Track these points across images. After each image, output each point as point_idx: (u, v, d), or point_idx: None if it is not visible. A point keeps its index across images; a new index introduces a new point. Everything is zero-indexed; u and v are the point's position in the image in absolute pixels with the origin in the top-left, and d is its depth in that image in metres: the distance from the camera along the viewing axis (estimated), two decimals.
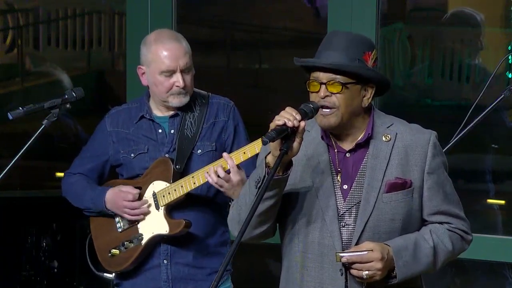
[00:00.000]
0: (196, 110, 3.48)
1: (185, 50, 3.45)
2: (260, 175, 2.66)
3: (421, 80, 5.36)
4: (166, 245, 3.48)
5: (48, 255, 4.48)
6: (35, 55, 6.31)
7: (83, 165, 3.64)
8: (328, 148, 2.77)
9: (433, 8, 5.31)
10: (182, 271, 3.47)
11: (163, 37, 3.45)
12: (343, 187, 2.75)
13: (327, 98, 2.70)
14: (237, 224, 2.79)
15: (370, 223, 2.71)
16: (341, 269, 2.71)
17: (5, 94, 6.16)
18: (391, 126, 2.79)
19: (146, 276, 3.51)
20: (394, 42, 5.27)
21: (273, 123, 2.65)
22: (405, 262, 2.70)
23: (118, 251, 3.50)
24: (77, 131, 5.96)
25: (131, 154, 3.53)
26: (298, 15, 5.81)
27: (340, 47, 2.71)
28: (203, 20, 5.61)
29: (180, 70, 3.41)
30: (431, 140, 2.77)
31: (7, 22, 6.36)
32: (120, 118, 3.60)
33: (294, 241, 2.77)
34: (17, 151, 3.23)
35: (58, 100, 3.31)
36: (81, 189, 3.59)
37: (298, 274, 2.77)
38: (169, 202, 3.43)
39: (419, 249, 2.72)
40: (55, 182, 6.34)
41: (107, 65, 6.43)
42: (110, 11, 6.25)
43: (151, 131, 3.51)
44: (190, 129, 3.46)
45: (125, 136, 3.55)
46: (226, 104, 3.53)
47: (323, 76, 2.70)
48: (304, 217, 2.75)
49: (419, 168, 2.75)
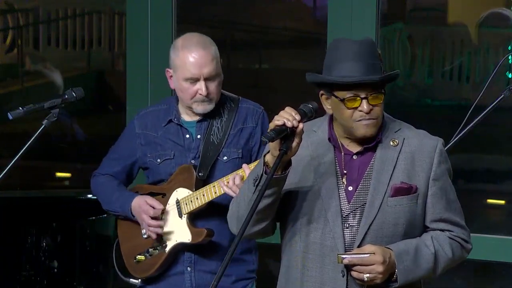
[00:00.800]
0: (224, 115, 3.44)
1: (211, 57, 3.37)
2: (259, 174, 2.67)
3: (421, 80, 5.36)
4: (190, 253, 3.45)
5: (48, 255, 4.48)
6: (35, 55, 6.31)
7: (111, 166, 3.62)
8: (334, 150, 2.77)
9: (433, 8, 5.31)
10: (206, 279, 3.43)
11: (190, 43, 3.40)
12: (348, 188, 2.75)
13: (371, 111, 2.69)
14: (235, 220, 2.79)
15: (374, 226, 2.71)
16: (343, 270, 2.71)
17: (5, 94, 6.16)
18: (399, 131, 2.79)
19: (170, 282, 3.50)
20: (394, 42, 5.27)
21: (273, 123, 2.65)
22: (406, 266, 2.70)
23: (144, 257, 3.48)
24: (74, 131, 5.96)
25: (158, 160, 3.50)
26: (298, 15, 5.81)
27: (364, 56, 2.68)
28: (203, 20, 5.61)
29: (204, 78, 3.36)
30: (437, 147, 2.78)
31: (7, 22, 6.36)
32: (148, 120, 3.56)
33: (295, 241, 2.78)
34: (17, 151, 3.23)
35: (58, 100, 3.30)
36: (110, 191, 3.57)
37: (298, 273, 2.77)
38: (191, 210, 3.41)
39: (420, 255, 2.73)
40: (54, 182, 6.35)
41: (107, 65, 6.43)
42: (110, 11, 6.25)
43: (178, 136, 3.48)
44: (216, 135, 3.42)
45: (153, 140, 3.52)
46: (256, 110, 3.46)
47: (363, 91, 2.68)
48: (306, 216, 2.75)
49: (425, 174, 2.75)
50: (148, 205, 3.45)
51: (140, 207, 3.47)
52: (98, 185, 3.62)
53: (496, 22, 4.95)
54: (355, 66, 2.67)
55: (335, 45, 2.73)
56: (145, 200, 3.47)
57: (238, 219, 2.76)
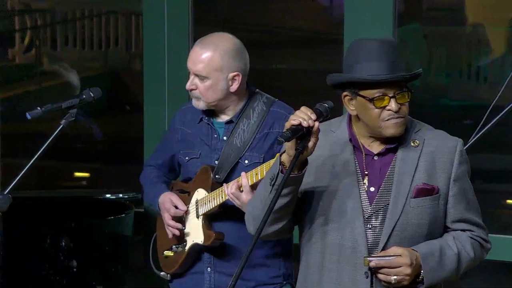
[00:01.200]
0: (252, 118, 3.42)
1: (202, 58, 3.38)
2: (275, 173, 2.67)
3: (438, 80, 5.35)
4: (209, 254, 3.46)
5: (67, 254, 4.50)
6: (53, 55, 6.34)
7: (156, 158, 3.66)
8: (354, 150, 2.77)
9: (450, 8, 5.30)
10: (225, 281, 3.41)
11: (203, 38, 3.45)
12: (370, 189, 2.75)
13: (400, 110, 2.70)
14: (252, 220, 2.80)
15: (397, 227, 2.71)
16: (366, 272, 2.71)
17: (22, 94, 6.19)
18: (419, 132, 2.79)
19: (193, 280, 3.51)
20: (410, 42, 5.26)
21: (288, 123, 2.66)
22: (432, 268, 2.71)
23: (171, 253, 3.51)
24: (92, 131, 5.98)
25: (186, 157, 3.52)
26: (314, 15, 5.81)
27: (387, 55, 2.68)
28: (218, 21, 5.62)
29: (193, 73, 3.40)
30: (457, 148, 2.78)
31: (24, 23, 6.39)
32: (187, 116, 3.57)
33: (313, 241, 2.78)
34: (35, 151, 3.25)
35: (76, 100, 3.31)
36: (148, 184, 3.61)
37: (317, 274, 2.77)
38: (205, 212, 3.41)
39: (444, 256, 2.74)
40: (72, 181, 6.37)
41: (123, 65, 6.44)
42: (126, 12, 6.27)
43: (207, 136, 3.48)
44: (241, 137, 3.41)
45: (186, 136, 3.54)
46: (285, 115, 3.41)
47: (390, 90, 2.68)
48: (326, 217, 2.75)
49: (445, 175, 2.76)
50: (171, 204, 3.47)
51: (163, 204, 3.49)
52: (142, 177, 3.67)
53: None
54: (379, 65, 2.67)
55: (356, 45, 2.73)
56: (170, 198, 3.48)
57: (254, 219, 2.77)
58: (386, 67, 2.67)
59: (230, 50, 3.41)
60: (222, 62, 3.38)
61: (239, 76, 3.40)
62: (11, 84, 6.00)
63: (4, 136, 5.25)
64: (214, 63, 3.38)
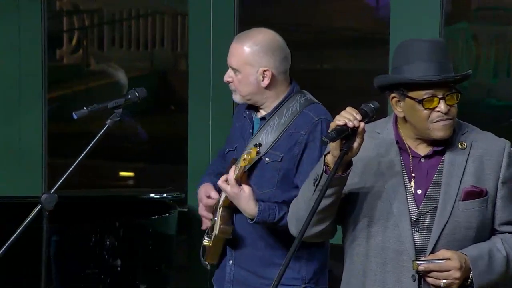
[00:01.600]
0: (284, 117, 3.42)
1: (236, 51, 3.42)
2: (319, 174, 2.65)
3: (486, 80, 5.28)
4: (230, 246, 3.48)
5: (111, 253, 4.53)
6: (100, 56, 6.40)
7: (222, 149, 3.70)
8: (400, 152, 2.74)
9: (499, 7, 5.22)
10: (243, 276, 3.45)
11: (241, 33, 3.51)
12: (417, 192, 2.72)
13: (449, 112, 2.67)
14: (295, 221, 2.78)
15: (446, 230, 2.68)
16: (413, 275, 2.68)
17: (70, 94, 6.26)
18: (466, 133, 2.76)
19: (220, 273, 3.55)
20: (458, 42, 5.20)
21: (334, 123, 2.64)
22: (481, 271, 2.67)
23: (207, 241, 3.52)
24: (137, 131, 6.02)
25: (226, 149, 3.58)
26: (360, 14, 5.77)
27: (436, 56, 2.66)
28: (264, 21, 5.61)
29: (229, 66, 3.45)
30: (505, 150, 2.75)
31: (73, 23, 6.46)
32: (241, 110, 3.60)
33: (358, 244, 2.75)
34: (81, 150, 3.27)
35: (121, 100, 3.33)
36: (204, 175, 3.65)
37: (361, 277, 2.75)
38: (221, 204, 3.43)
39: (493, 259, 2.70)
40: (118, 181, 6.42)
41: (169, 65, 6.47)
42: (172, 12, 6.29)
43: (245, 130, 3.52)
44: (268, 134, 3.41)
45: (233, 129, 3.60)
46: (312, 117, 3.39)
47: (440, 91, 2.65)
48: (371, 219, 2.72)
49: (494, 177, 2.72)
50: (205, 194, 3.50)
51: (199, 194, 3.53)
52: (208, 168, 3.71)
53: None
54: (429, 66, 2.65)
55: (405, 46, 2.70)
56: (206, 188, 3.51)
57: (298, 220, 2.75)
58: (435, 68, 2.64)
59: (263, 45, 3.41)
60: (252, 57, 3.40)
61: (268, 71, 3.40)
62: (58, 84, 6.06)
63: (51, 135, 5.30)
64: (244, 56, 3.41)
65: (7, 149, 5.18)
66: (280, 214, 3.31)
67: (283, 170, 3.37)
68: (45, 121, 5.20)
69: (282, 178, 3.36)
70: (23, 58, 5.17)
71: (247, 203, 3.30)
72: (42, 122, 5.19)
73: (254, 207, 3.30)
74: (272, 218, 3.31)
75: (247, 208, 3.31)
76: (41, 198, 3.16)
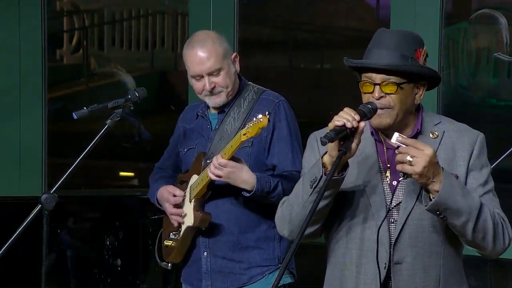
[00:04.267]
0: (243, 106, 3.49)
1: (209, 53, 3.43)
2: (317, 175, 2.65)
3: (486, 80, 5.28)
4: (204, 237, 3.51)
5: (111, 253, 4.53)
6: (100, 56, 6.40)
7: (163, 159, 3.75)
8: (376, 144, 2.75)
9: (499, 8, 5.23)
10: (220, 264, 3.48)
11: (192, 41, 3.50)
12: (393, 183, 2.72)
13: (382, 99, 2.67)
14: (287, 223, 2.77)
15: (412, 215, 2.66)
16: (385, 262, 2.68)
17: (70, 94, 6.26)
18: (439, 124, 2.76)
19: (193, 268, 3.56)
20: (458, 42, 5.20)
21: (332, 124, 2.64)
22: (452, 185, 2.59)
23: (170, 242, 3.57)
24: (140, 131, 6.02)
25: (184, 149, 3.61)
26: (360, 14, 5.78)
27: (392, 46, 2.67)
28: (265, 20, 5.62)
29: (207, 74, 3.44)
30: (478, 140, 2.74)
31: (73, 23, 6.47)
32: (188, 114, 3.67)
33: (342, 239, 2.76)
34: (82, 150, 3.27)
35: (121, 100, 3.34)
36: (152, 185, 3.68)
37: (343, 269, 2.75)
38: (196, 195, 3.47)
39: (468, 192, 2.64)
40: (117, 181, 6.43)
41: (170, 65, 6.48)
42: (173, 12, 6.30)
43: (202, 128, 3.57)
44: (231, 124, 3.47)
45: (186, 132, 3.63)
46: (272, 100, 3.49)
47: (377, 77, 2.67)
48: (352, 213, 2.73)
49: (465, 164, 2.71)
50: (169, 193, 3.53)
51: (162, 196, 3.55)
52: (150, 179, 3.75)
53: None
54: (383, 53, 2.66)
55: (377, 33, 2.74)
56: (167, 189, 3.55)
57: (291, 221, 2.74)
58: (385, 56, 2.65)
59: (218, 37, 3.49)
60: (223, 48, 3.46)
61: (237, 56, 3.50)
62: (59, 84, 6.07)
63: (51, 135, 5.31)
64: (219, 52, 3.45)
65: (7, 149, 5.18)
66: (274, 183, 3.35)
67: (254, 154, 3.42)
68: (45, 121, 5.20)
69: (255, 162, 3.41)
70: (23, 58, 5.17)
71: (248, 172, 3.32)
72: (42, 122, 5.19)
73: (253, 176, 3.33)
74: (268, 186, 3.35)
75: (249, 177, 3.32)
76: (41, 198, 3.16)
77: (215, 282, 3.50)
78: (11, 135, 5.18)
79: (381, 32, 2.74)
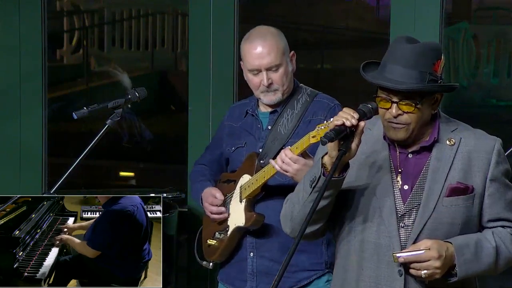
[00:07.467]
0: (297, 108, 3.47)
1: (269, 48, 3.42)
2: (316, 175, 2.66)
3: (487, 80, 5.28)
4: (252, 238, 3.50)
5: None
6: (100, 56, 6.40)
7: (206, 156, 3.75)
8: (389, 148, 2.75)
9: (499, 7, 5.23)
10: (267, 266, 3.46)
11: (253, 35, 3.49)
12: (404, 187, 2.72)
13: (399, 116, 2.68)
14: (289, 221, 2.79)
15: (428, 225, 2.68)
16: (400, 269, 2.68)
17: (70, 94, 6.26)
18: (456, 131, 2.76)
19: (237, 268, 3.55)
20: (458, 42, 5.20)
21: (332, 123, 2.65)
22: (466, 260, 2.66)
23: (214, 241, 3.57)
24: (141, 130, 6.02)
25: (232, 148, 3.60)
26: (360, 14, 5.78)
27: (410, 63, 2.65)
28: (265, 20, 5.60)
29: (265, 69, 3.43)
30: (495, 147, 2.74)
31: (73, 23, 6.46)
32: (235, 112, 3.66)
33: (350, 240, 2.76)
34: (82, 150, 3.28)
35: (122, 100, 3.34)
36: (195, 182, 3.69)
37: (353, 273, 2.76)
38: (248, 195, 3.46)
39: (481, 249, 2.68)
40: (118, 181, 6.42)
41: (170, 66, 6.48)
42: (173, 12, 6.30)
43: (252, 126, 3.56)
44: (285, 125, 3.47)
45: (233, 130, 3.62)
46: (327, 103, 3.48)
47: (395, 96, 2.67)
48: (361, 216, 2.73)
49: (482, 174, 2.71)
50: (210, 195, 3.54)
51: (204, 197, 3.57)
52: (192, 175, 3.76)
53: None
54: (400, 71, 2.64)
55: (394, 45, 2.72)
56: (210, 190, 3.56)
57: (292, 220, 2.76)
58: (406, 74, 2.64)
59: (278, 33, 3.49)
60: (283, 44, 3.46)
61: (294, 54, 3.50)
62: (59, 84, 6.06)
63: (51, 135, 5.31)
64: (280, 47, 3.44)
65: (7, 149, 5.18)
66: None
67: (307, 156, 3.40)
68: (45, 121, 5.20)
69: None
70: (23, 58, 5.17)
71: None
72: (42, 122, 5.19)
73: None
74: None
75: None
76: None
77: (260, 283, 3.48)
78: (11, 135, 5.18)
79: (398, 44, 2.71)
